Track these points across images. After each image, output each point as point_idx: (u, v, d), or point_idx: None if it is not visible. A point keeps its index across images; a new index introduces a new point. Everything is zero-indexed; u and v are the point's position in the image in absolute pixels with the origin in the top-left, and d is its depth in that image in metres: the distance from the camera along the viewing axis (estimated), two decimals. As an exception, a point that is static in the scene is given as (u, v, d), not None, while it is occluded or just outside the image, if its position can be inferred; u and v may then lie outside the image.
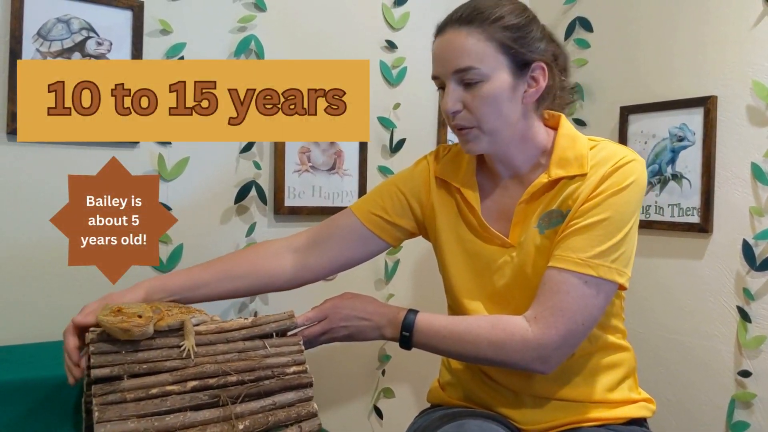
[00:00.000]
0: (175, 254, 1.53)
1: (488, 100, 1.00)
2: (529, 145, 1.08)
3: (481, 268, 1.11)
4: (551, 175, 1.04)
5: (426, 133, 1.94)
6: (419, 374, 1.96)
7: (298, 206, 1.70)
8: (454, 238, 1.14)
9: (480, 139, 1.04)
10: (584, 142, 1.06)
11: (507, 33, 0.99)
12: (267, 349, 1.01)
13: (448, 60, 1.01)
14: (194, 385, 0.92)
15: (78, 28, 1.36)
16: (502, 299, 1.10)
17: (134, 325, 0.89)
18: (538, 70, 1.02)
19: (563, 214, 1.03)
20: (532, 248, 1.05)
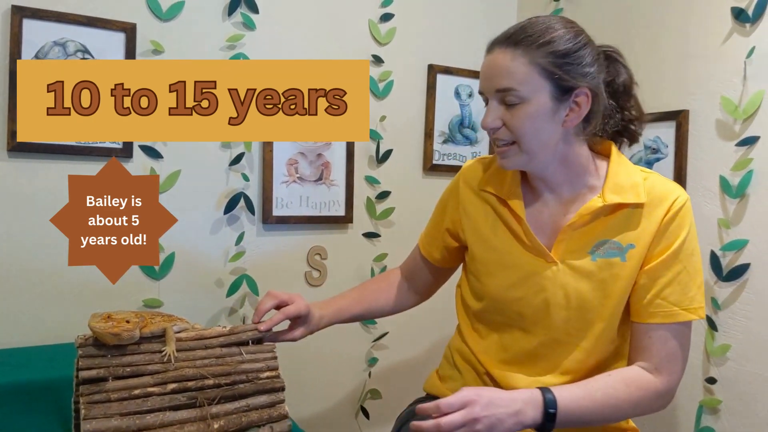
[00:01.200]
0: (167, 261, 1.63)
1: (526, 121, 1.04)
2: (571, 168, 1.11)
3: (517, 277, 1.14)
4: (606, 200, 1.08)
5: (413, 144, 2.02)
6: (405, 376, 2.06)
7: (286, 215, 1.79)
8: (485, 245, 1.19)
9: (517, 156, 1.08)
10: (637, 171, 1.12)
11: (552, 59, 1.02)
12: (243, 355, 1.10)
13: (491, 79, 1.05)
14: (174, 387, 1.01)
15: (74, 50, 1.47)
16: (537, 312, 1.13)
17: (123, 330, 0.99)
18: (581, 96, 1.05)
19: (622, 248, 1.08)
20: (580, 271, 1.10)
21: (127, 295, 1.58)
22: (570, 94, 1.05)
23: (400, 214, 2.00)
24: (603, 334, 1.12)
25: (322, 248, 1.88)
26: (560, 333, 1.13)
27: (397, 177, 1.99)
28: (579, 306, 1.10)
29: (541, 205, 1.16)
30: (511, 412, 0.98)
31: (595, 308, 1.10)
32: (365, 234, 1.95)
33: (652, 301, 1.08)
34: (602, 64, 1.10)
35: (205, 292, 1.70)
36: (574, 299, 1.10)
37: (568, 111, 1.06)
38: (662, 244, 1.08)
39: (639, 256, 1.08)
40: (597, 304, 1.10)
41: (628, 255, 1.08)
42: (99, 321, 0.98)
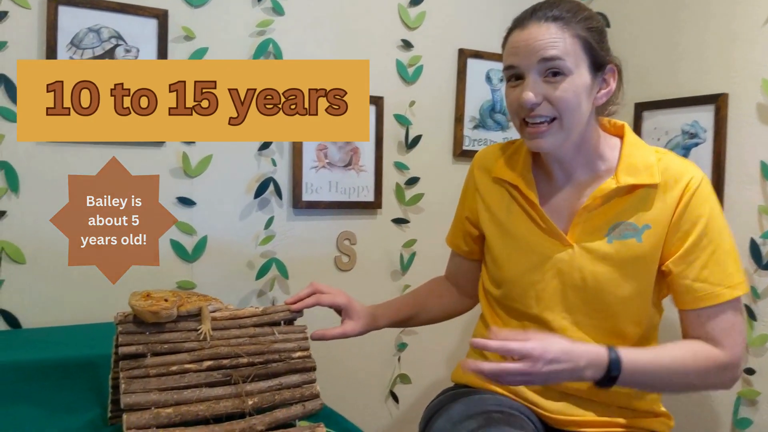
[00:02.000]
0: (199, 245, 1.66)
1: (571, 94, 1.03)
2: (587, 149, 1.12)
3: (534, 261, 1.15)
4: (620, 181, 1.08)
5: (442, 129, 2.02)
6: (435, 361, 2.07)
7: (316, 201, 1.81)
8: (501, 230, 1.20)
9: (557, 133, 1.06)
10: (651, 151, 1.11)
11: (590, 33, 1.05)
12: (275, 335, 1.13)
13: (534, 50, 1.03)
14: (209, 364, 1.04)
15: (108, 36, 1.51)
16: (554, 295, 1.14)
17: (162, 308, 1.03)
18: (610, 73, 1.08)
19: (637, 229, 1.08)
20: (596, 254, 1.10)
21: (161, 276, 1.61)
22: (602, 71, 1.07)
23: (430, 200, 2.00)
24: (624, 315, 1.12)
25: (351, 233, 1.89)
26: (580, 315, 1.14)
27: (426, 163, 1.99)
28: (595, 287, 1.11)
29: (556, 189, 1.17)
30: (571, 367, 0.98)
31: (612, 290, 1.11)
32: (394, 220, 1.96)
33: (693, 286, 1.08)
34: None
35: (235, 275, 1.73)
36: (591, 281, 1.11)
37: (599, 88, 1.08)
38: (685, 227, 1.07)
39: (657, 237, 1.08)
40: (614, 286, 1.10)
41: (645, 236, 1.09)
42: (139, 299, 1.02)
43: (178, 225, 1.64)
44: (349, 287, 1.83)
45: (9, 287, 1.47)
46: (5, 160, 1.46)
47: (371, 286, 1.94)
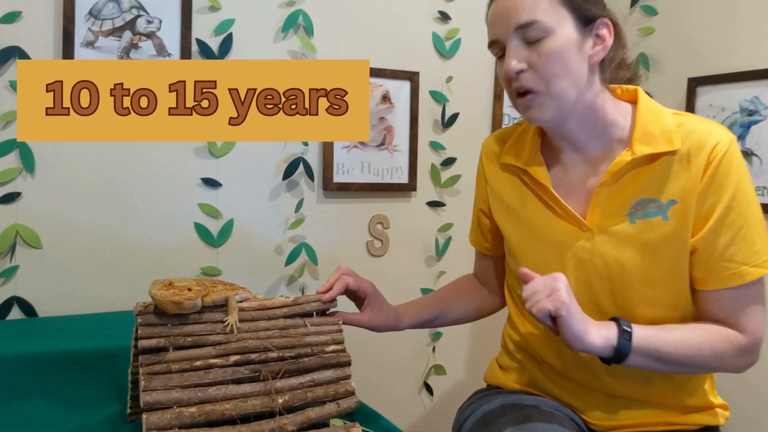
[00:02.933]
0: (226, 228, 1.60)
1: (555, 55, 0.95)
2: (596, 119, 1.02)
3: (552, 251, 1.07)
4: (635, 152, 0.99)
5: (481, 106, 1.94)
6: (471, 351, 2.01)
7: (347, 182, 1.74)
8: (515, 220, 1.13)
9: (545, 105, 0.98)
10: (669, 115, 1.01)
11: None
12: (307, 327, 1.05)
13: (508, 18, 0.97)
14: (236, 359, 0.97)
15: (128, 6, 1.44)
16: (579, 286, 1.05)
17: (186, 298, 0.95)
18: (603, 27, 0.99)
19: (662, 205, 0.99)
20: (619, 238, 1.01)
21: (185, 262, 1.57)
22: (592, 26, 0.98)
23: (467, 182, 1.92)
24: (658, 304, 1.03)
25: (384, 217, 1.83)
26: (607, 305, 1.05)
27: (463, 142, 1.92)
28: (621, 276, 1.02)
29: (568, 168, 1.08)
30: (583, 319, 0.94)
31: (639, 275, 1.01)
32: (429, 203, 1.90)
33: (717, 265, 0.98)
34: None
35: (263, 260, 1.67)
36: (616, 269, 1.02)
37: (593, 45, 0.99)
38: (711, 200, 0.97)
39: (684, 212, 0.98)
40: (642, 270, 1.01)
41: (671, 212, 0.98)
42: (160, 288, 0.95)
43: (203, 207, 1.58)
44: (382, 273, 1.82)
45: (24, 274, 1.41)
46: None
47: (404, 273, 1.88)
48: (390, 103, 1.78)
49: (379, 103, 1.77)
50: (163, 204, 1.54)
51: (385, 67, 1.76)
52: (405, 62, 1.80)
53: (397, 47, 1.79)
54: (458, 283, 1.36)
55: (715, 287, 0.99)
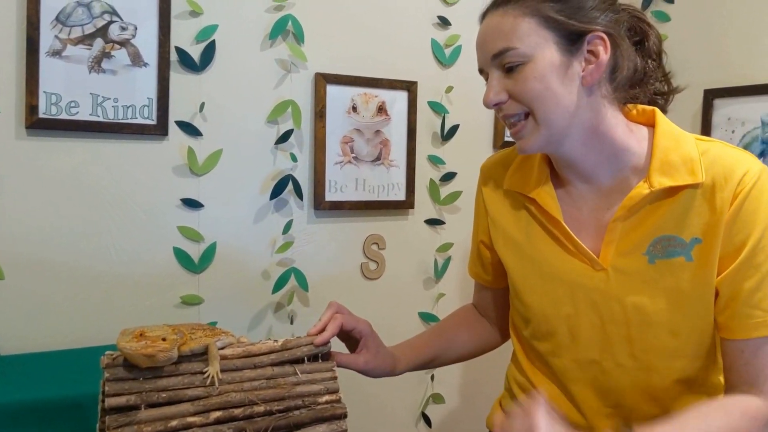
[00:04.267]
0: (208, 253, 1.52)
1: (534, 81, 0.88)
2: (602, 144, 0.94)
3: (562, 291, 0.99)
4: (653, 185, 0.90)
5: (482, 118, 1.88)
6: (471, 379, 1.95)
7: (340, 200, 1.67)
8: (520, 255, 1.05)
9: (534, 133, 0.91)
10: (691, 142, 0.93)
11: (550, 3, 0.89)
12: (298, 375, 0.98)
13: (485, 45, 0.92)
14: (218, 416, 0.89)
15: (100, 11, 1.34)
16: (592, 332, 0.98)
17: (160, 350, 0.87)
18: (596, 42, 0.89)
19: (685, 244, 0.91)
20: (637, 278, 0.94)
21: (162, 290, 1.49)
22: (582, 42, 0.89)
23: (468, 198, 1.85)
24: (678, 351, 0.95)
25: (380, 237, 1.75)
26: (623, 355, 0.96)
27: (464, 156, 1.85)
28: (640, 321, 0.94)
29: (576, 200, 0.99)
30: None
31: (661, 322, 0.93)
32: (428, 221, 1.83)
33: (741, 312, 0.90)
34: (616, 10, 0.93)
35: (249, 287, 1.59)
36: (634, 314, 0.94)
37: (584, 63, 0.90)
38: (737, 237, 0.89)
39: (710, 252, 0.90)
40: (664, 317, 0.93)
41: (695, 252, 0.90)
42: (130, 340, 0.85)
43: (183, 230, 1.50)
44: (377, 297, 1.74)
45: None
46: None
47: (401, 296, 1.82)
48: (386, 115, 1.70)
49: (375, 115, 1.69)
50: (138, 227, 1.45)
51: (381, 77, 1.70)
52: (402, 71, 1.74)
53: (393, 55, 1.72)
54: (458, 317, 1.27)
55: (738, 336, 0.91)
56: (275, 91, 1.56)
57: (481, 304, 1.24)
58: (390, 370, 1.11)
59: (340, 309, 1.07)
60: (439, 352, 1.18)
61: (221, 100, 1.51)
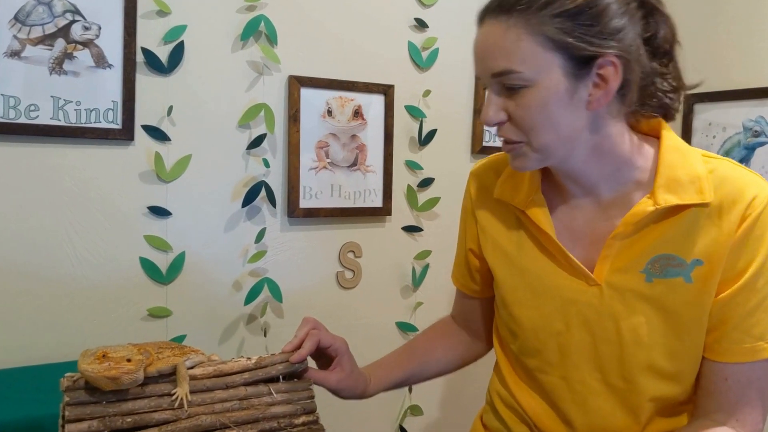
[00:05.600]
0: (176, 263, 1.48)
1: (535, 109, 0.84)
2: (609, 159, 0.90)
3: (553, 306, 0.96)
4: (658, 202, 0.87)
5: (460, 122, 1.87)
6: (451, 391, 1.94)
7: (315, 207, 1.64)
8: (509, 266, 1.01)
9: (528, 156, 0.89)
10: (698, 159, 0.89)
11: (559, 22, 0.81)
12: (272, 395, 0.94)
13: (484, 60, 0.87)
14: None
15: (61, 10, 1.29)
16: (582, 350, 0.95)
17: (124, 372, 0.82)
18: (607, 66, 0.83)
19: (685, 265, 0.88)
20: (632, 296, 0.91)
21: (128, 302, 1.45)
22: (591, 66, 0.83)
23: (446, 204, 1.85)
24: (671, 376, 0.92)
25: (356, 245, 1.73)
26: (614, 377, 0.94)
27: (442, 161, 1.85)
28: (635, 341, 0.91)
29: (574, 210, 0.96)
30: None
31: (656, 343, 0.91)
32: (405, 228, 1.82)
33: (730, 335, 0.88)
34: (634, 13, 0.85)
35: (220, 298, 1.55)
36: (628, 332, 0.91)
37: (592, 88, 0.84)
38: (741, 261, 0.87)
39: (710, 276, 0.87)
40: (659, 339, 0.90)
41: (695, 274, 0.88)
42: (92, 362, 0.80)
43: (150, 239, 1.46)
44: (353, 307, 1.72)
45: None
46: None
47: (378, 305, 1.80)
48: (362, 120, 1.67)
49: (351, 119, 1.66)
50: (103, 237, 1.41)
51: (357, 80, 1.67)
52: (378, 74, 1.71)
53: (369, 58, 1.70)
54: (433, 331, 1.23)
55: (724, 359, 0.90)
56: (247, 94, 1.52)
57: (464, 314, 1.21)
58: (361, 392, 1.07)
59: (316, 325, 1.02)
60: (412, 372, 1.15)
61: (190, 104, 1.46)
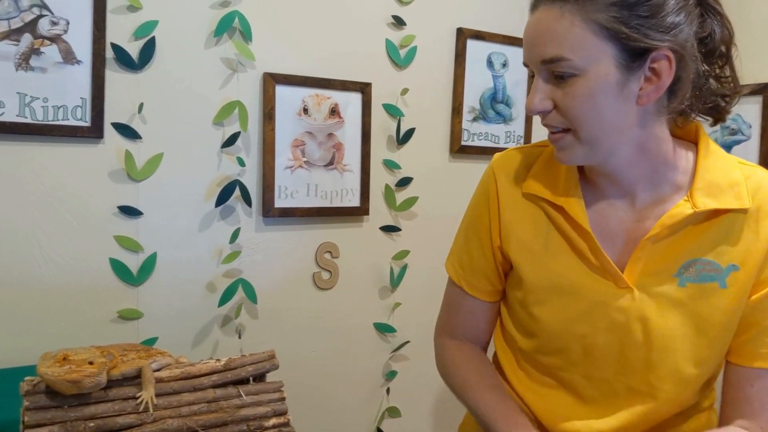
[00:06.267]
0: (148, 263, 1.45)
1: (583, 99, 0.82)
2: (650, 159, 0.89)
3: (582, 308, 0.93)
4: (697, 205, 0.86)
5: (438, 122, 1.86)
6: (428, 391, 1.92)
7: (291, 207, 1.61)
8: (534, 264, 0.98)
9: (574, 148, 0.87)
10: (736, 165, 0.89)
11: (615, 12, 0.79)
12: (242, 398, 0.93)
13: (534, 47, 0.84)
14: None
15: (28, 5, 1.26)
16: (608, 353, 0.93)
17: (86, 375, 0.81)
18: (661, 60, 0.81)
19: (720, 270, 0.88)
20: (663, 300, 0.89)
21: (98, 304, 1.41)
22: (644, 59, 0.81)
23: (424, 203, 1.84)
24: (694, 381, 0.92)
25: (333, 245, 1.71)
26: (638, 381, 0.92)
27: (420, 160, 1.83)
28: (664, 346, 0.89)
29: (607, 209, 0.93)
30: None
31: (686, 349, 0.89)
32: (383, 228, 1.80)
33: (758, 339, 0.89)
34: (692, 11, 0.83)
35: (193, 300, 1.53)
36: (658, 337, 0.89)
37: (644, 82, 0.82)
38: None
39: (745, 281, 0.87)
40: (689, 343, 0.89)
41: (730, 279, 0.87)
42: (52, 365, 0.79)
43: (120, 240, 1.43)
44: (330, 309, 1.71)
45: None
46: None
47: (356, 307, 1.78)
48: (339, 118, 1.66)
49: (327, 118, 1.64)
50: (71, 237, 1.37)
51: (334, 78, 1.65)
52: (356, 72, 1.69)
53: (346, 55, 1.68)
54: (484, 363, 1.10)
55: (752, 364, 0.89)
56: (221, 91, 1.50)
57: (471, 323, 1.10)
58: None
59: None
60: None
61: (162, 101, 1.43)
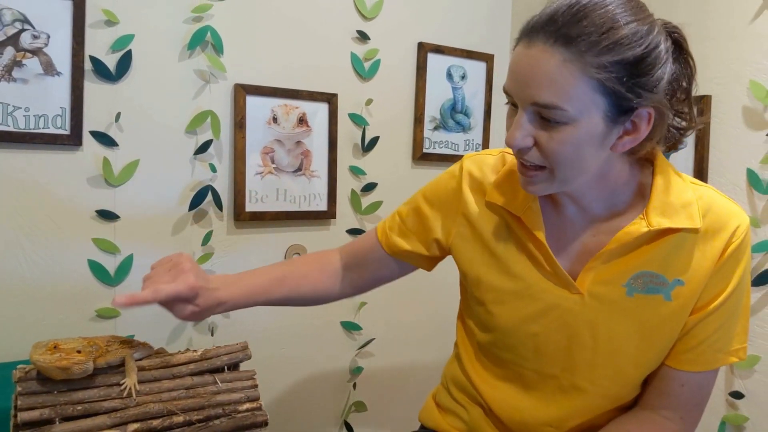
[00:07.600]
0: (124, 265, 1.49)
1: (568, 146, 0.83)
2: (608, 185, 0.94)
3: (536, 309, 0.98)
4: (652, 224, 0.90)
5: (401, 130, 1.92)
6: (394, 385, 1.97)
7: (261, 211, 1.67)
8: (495, 268, 1.02)
9: (546, 183, 0.89)
10: (689, 185, 0.93)
11: (614, 71, 0.79)
12: (218, 384, 0.99)
13: (528, 85, 0.82)
14: (136, 428, 0.90)
15: (10, 19, 1.31)
16: (557, 352, 0.99)
17: (74, 363, 0.87)
18: (642, 117, 0.84)
19: (666, 283, 0.92)
20: (611, 307, 0.94)
21: (77, 304, 1.45)
22: (629, 115, 0.83)
23: (388, 208, 1.88)
24: (634, 380, 1.00)
25: (301, 247, 1.76)
26: (582, 378, 0.99)
27: (384, 167, 1.89)
28: (610, 349, 0.96)
29: (564, 221, 0.98)
30: None
31: (630, 353, 0.95)
32: (350, 230, 1.85)
33: (695, 348, 0.95)
34: (669, 57, 0.85)
35: (168, 300, 1.55)
36: (605, 340, 0.95)
37: (622, 133, 0.85)
38: (719, 286, 0.93)
39: (689, 296, 0.92)
40: (632, 349, 0.95)
41: (675, 293, 0.92)
42: (44, 353, 0.85)
43: (98, 243, 1.47)
44: (299, 308, 1.72)
45: None
46: None
47: (323, 306, 1.72)
48: (307, 127, 1.72)
49: (296, 126, 1.71)
50: (51, 240, 1.42)
51: (302, 89, 1.71)
52: (322, 83, 1.75)
53: (313, 67, 1.74)
54: (313, 264, 1.17)
55: (683, 368, 0.96)
56: (194, 101, 1.56)
57: (361, 260, 1.17)
58: (215, 311, 0.97)
59: (156, 279, 0.95)
60: (275, 300, 1.08)
61: (138, 110, 1.49)
